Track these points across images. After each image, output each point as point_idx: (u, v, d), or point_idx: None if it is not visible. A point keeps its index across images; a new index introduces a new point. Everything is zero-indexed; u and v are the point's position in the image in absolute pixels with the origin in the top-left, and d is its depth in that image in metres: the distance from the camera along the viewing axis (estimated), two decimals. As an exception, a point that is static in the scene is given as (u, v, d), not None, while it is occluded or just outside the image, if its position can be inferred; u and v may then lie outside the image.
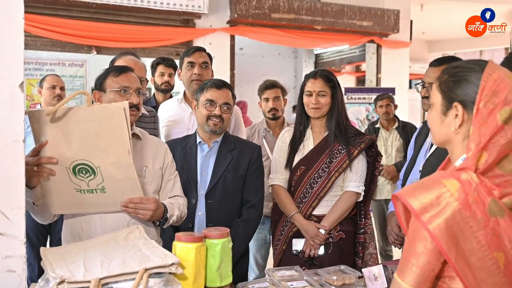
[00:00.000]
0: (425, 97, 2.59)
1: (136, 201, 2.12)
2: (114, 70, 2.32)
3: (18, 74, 1.60)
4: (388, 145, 5.34)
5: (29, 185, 2.00)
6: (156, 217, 2.21)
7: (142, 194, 2.15)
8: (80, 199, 2.11)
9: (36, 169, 1.97)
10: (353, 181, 2.83)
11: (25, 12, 1.62)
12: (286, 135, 3.00)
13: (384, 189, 5.23)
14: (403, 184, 2.74)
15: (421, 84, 2.64)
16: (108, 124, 1.98)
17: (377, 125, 5.49)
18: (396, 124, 5.40)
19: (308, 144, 2.90)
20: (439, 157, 2.49)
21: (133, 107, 2.26)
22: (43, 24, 6.05)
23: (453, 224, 1.26)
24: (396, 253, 5.17)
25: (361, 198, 2.87)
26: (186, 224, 2.66)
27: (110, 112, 1.97)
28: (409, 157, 2.85)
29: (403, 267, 1.32)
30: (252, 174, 2.78)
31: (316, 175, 2.81)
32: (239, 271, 2.72)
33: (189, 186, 2.69)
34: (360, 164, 2.85)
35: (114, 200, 2.13)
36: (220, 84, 2.73)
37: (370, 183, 2.93)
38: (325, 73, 2.90)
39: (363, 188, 2.86)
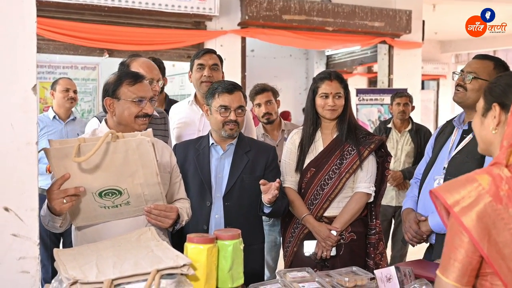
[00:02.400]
0: (459, 85, 2.57)
1: (161, 208, 2.17)
2: (128, 78, 2.30)
3: (31, 77, 1.61)
4: (398, 148, 5.05)
5: (57, 214, 2.03)
6: (172, 224, 2.25)
7: (165, 203, 2.20)
8: (103, 212, 2.15)
9: (65, 201, 1.97)
10: (363, 182, 2.82)
11: (38, 16, 1.64)
12: (295, 137, 2.99)
13: (388, 194, 4.93)
14: (422, 182, 2.73)
15: (458, 73, 2.63)
16: (134, 153, 2.02)
17: (389, 125, 5.20)
18: (410, 127, 5.11)
19: (318, 146, 2.90)
20: (468, 155, 2.48)
21: (146, 116, 2.29)
22: (56, 27, 6.10)
23: (484, 216, 1.29)
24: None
25: (371, 199, 2.86)
26: (201, 226, 2.66)
27: (136, 144, 2.01)
28: (427, 155, 2.83)
29: (445, 264, 1.36)
30: (270, 174, 2.76)
31: (326, 177, 2.81)
32: (255, 272, 2.71)
33: (203, 189, 2.68)
34: (370, 165, 2.84)
35: (136, 208, 2.19)
36: (231, 88, 2.70)
37: (380, 183, 2.92)
38: (338, 75, 2.91)
39: (374, 188, 2.85)
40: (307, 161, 2.89)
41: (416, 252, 4.11)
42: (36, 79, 1.62)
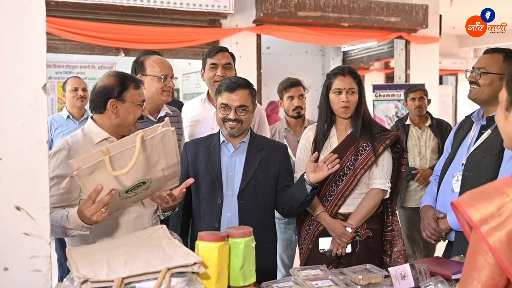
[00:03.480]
0: (472, 82, 2.55)
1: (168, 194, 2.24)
2: (133, 81, 2.36)
3: (41, 76, 1.62)
4: (422, 145, 4.77)
5: (93, 224, 2.02)
6: (170, 208, 2.36)
7: (178, 182, 2.28)
8: (122, 202, 2.17)
9: (103, 210, 1.97)
10: (379, 178, 2.79)
11: (55, 16, 1.65)
12: (310, 133, 2.97)
13: (417, 195, 4.72)
14: (441, 178, 2.69)
15: (470, 70, 2.60)
16: (158, 145, 2.05)
17: (407, 122, 4.91)
18: (429, 122, 4.83)
19: (333, 142, 2.87)
20: (486, 151, 2.45)
21: (142, 118, 2.39)
22: (72, 27, 6.12)
23: None
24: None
25: (387, 195, 2.83)
26: (213, 224, 2.65)
27: (160, 137, 2.04)
28: (446, 151, 2.80)
29: (464, 282, 1.21)
30: (285, 174, 2.75)
31: (341, 173, 2.78)
32: (268, 270, 2.70)
33: (214, 186, 2.67)
34: (385, 161, 2.81)
35: (151, 192, 2.22)
36: (233, 87, 2.65)
37: (397, 179, 2.88)
38: (351, 70, 2.87)
39: (389, 185, 2.81)
40: (321, 157, 2.86)
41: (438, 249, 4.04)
42: (46, 78, 1.63)
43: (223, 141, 2.72)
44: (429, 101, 4.99)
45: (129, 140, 1.99)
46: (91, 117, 2.36)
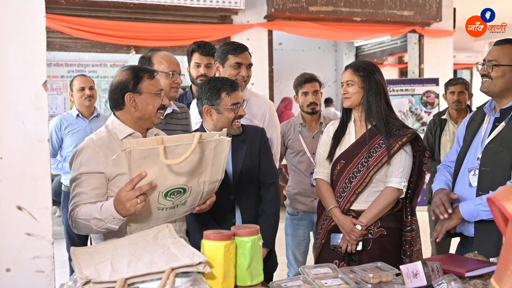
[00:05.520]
0: (484, 75, 2.51)
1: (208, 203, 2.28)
2: (147, 72, 2.33)
3: (41, 73, 1.60)
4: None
5: (126, 215, 1.98)
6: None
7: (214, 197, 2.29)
8: (158, 215, 2.11)
9: (139, 201, 1.92)
10: (394, 176, 2.72)
11: (65, 14, 1.63)
12: (330, 128, 2.95)
13: None
14: (456, 172, 2.62)
15: (481, 63, 2.55)
16: (210, 153, 2.05)
17: (445, 116, 4.65)
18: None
19: (350, 138, 2.84)
20: (502, 144, 2.40)
21: (163, 108, 2.34)
22: (83, 25, 6.13)
23: None
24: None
25: (403, 195, 2.76)
26: (230, 220, 2.67)
27: (215, 144, 2.05)
28: (457, 144, 2.73)
29: (501, 273, 1.20)
30: (263, 156, 2.79)
31: (355, 170, 2.73)
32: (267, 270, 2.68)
33: (222, 184, 2.64)
34: (402, 159, 2.73)
35: (188, 208, 2.20)
36: (238, 85, 2.72)
37: (417, 179, 2.79)
38: (356, 64, 2.87)
39: (405, 184, 2.72)
40: (338, 153, 2.83)
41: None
42: (46, 75, 1.60)
43: None
44: (470, 95, 4.72)
45: (185, 138, 1.99)
46: (114, 114, 2.34)
